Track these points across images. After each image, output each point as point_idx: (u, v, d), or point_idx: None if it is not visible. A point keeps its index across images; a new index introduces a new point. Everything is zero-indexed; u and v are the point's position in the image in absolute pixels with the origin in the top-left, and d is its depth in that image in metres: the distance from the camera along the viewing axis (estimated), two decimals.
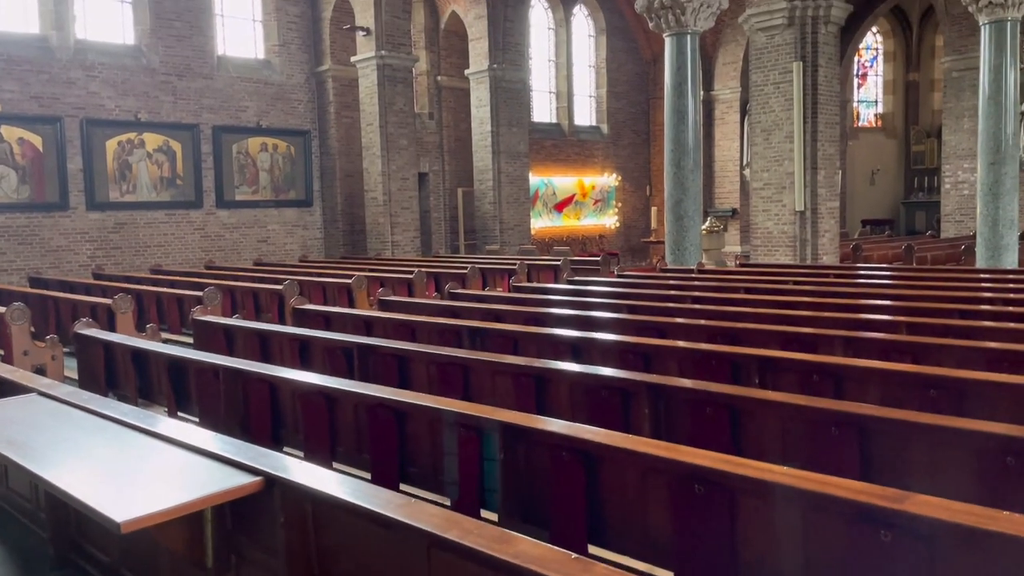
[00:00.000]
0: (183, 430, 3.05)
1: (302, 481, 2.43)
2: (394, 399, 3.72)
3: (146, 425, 3.13)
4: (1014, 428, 2.73)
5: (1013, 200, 10.78)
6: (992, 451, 2.73)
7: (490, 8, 17.46)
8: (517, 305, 7.38)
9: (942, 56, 20.00)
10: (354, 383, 4.22)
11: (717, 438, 3.49)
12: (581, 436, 2.96)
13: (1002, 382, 3.49)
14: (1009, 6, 10.50)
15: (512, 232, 18.17)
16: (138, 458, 2.86)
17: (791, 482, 2.33)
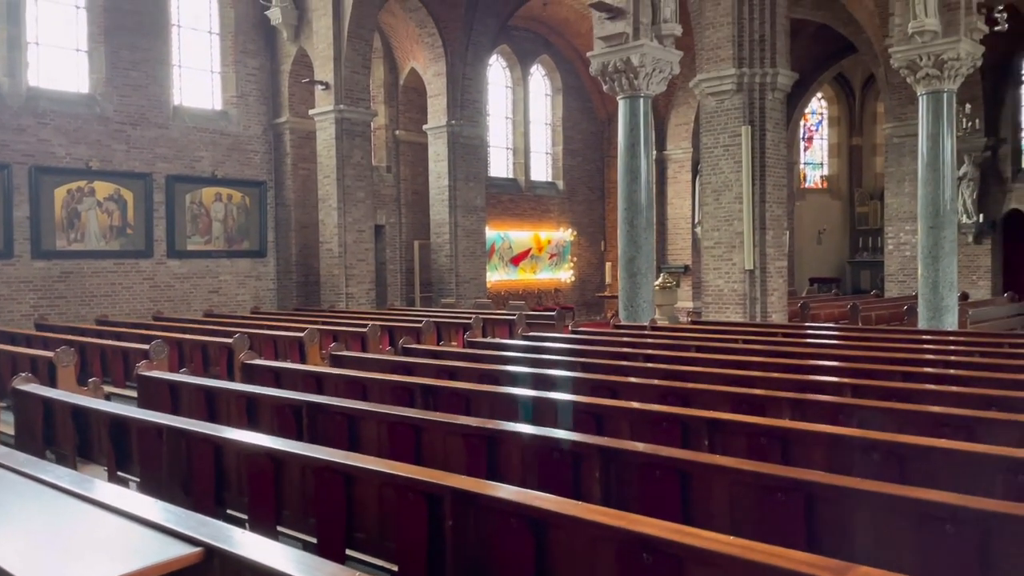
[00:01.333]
0: (122, 496, 2.95)
1: (244, 553, 2.37)
2: (342, 462, 3.66)
3: (83, 491, 3.02)
4: (952, 496, 2.80)
5: (952, 263, 11.16)
6: (932, 518, 2.79)
7: (449, 66, 17.77)
8: (471, 362, 7.36)
9: (883, 122, 20.85)
10: (302, 444, 4.15)
11: (667, 503, 3.50)
12: (531, 503, 2.94)
13: (941, 447, 3.58)
14: (945, 78, 11.01)
15: (468, 285, 18.21)
16: (74, 526, 2.76)
17: (738, 552, 2.34)
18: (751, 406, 5.08)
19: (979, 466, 3.44)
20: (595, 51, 10.90)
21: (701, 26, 13.53)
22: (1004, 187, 20.72)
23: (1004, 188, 20.72)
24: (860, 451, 3.81)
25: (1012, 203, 20.56)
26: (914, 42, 10.91)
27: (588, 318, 22.89)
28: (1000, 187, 20.73)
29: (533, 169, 22.67)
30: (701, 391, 5.45)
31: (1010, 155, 20.90)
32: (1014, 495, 3.20)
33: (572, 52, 22.37)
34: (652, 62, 10.60)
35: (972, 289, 19.55)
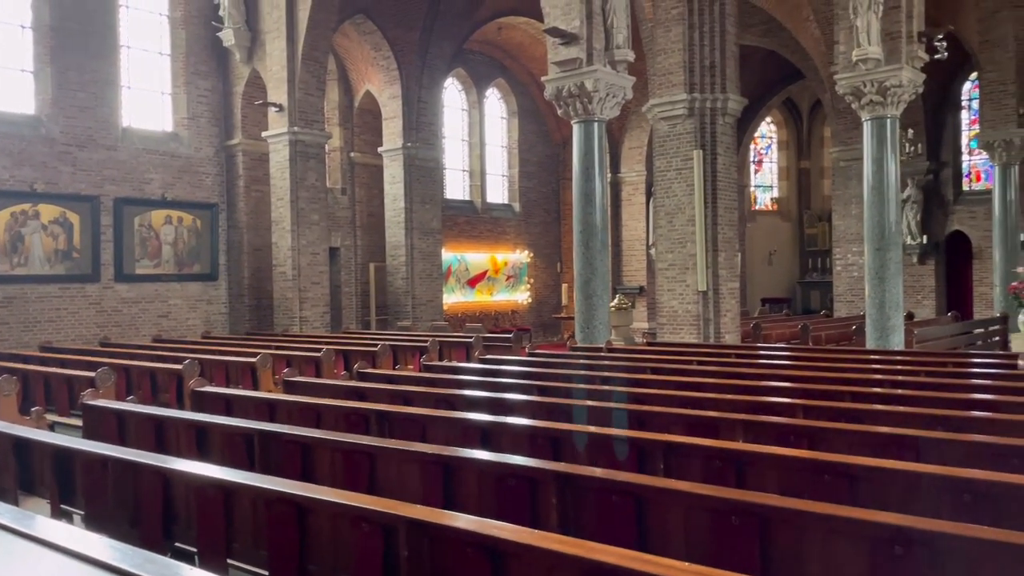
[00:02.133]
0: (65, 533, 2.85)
1: None
2: (294, 492, 3.59)
3: (23, 527, 2.91)
4: (901, 517, 2.85)
5: (898, 283, 11.44)
6: (882, 540, 2.83)
7: (404, 88, 17.79)
8: (427, 386, 7.31)
9: (830, 146, 21.42)
10: (253, 475, 4.06)
11: (623, 528, 3.51)
12: (487, 532, 2.92)
13: (888, 468, 3.65)
14: (888, 104, 11.35)
15: (425, 307, 18.13)
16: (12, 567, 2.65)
17: None
18: (706, 428, 5.13)
19: (926, 486, 3.51)
20: (549, 76, 11.02)
21: (653, 52, 13.77)
22: (946, 209, 21.40)
23: (946, 210, 21.39)
24: (812, 473, 3.86)
25: (954, 224, 21.23)
26: (858, 70, 11.24)
27: (545, 339, 22.94)
28: (942, 209, 21.40)
29: (489, 191, 22.75)
30: (656, 414, 5.49)
31: (951, 178, 21.62)
32: (960, 514, 3.27)
33: (527, 76, 22.58)
34: (605, 87, 10.74)
35: (917, 308, 20.07)
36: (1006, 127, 17.11)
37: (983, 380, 6.93)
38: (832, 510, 2.99)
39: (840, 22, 11.56)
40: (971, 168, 21.92)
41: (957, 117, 21.90)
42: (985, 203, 19.24)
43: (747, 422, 5.02)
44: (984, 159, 19.49)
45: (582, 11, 10.43)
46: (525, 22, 19.94)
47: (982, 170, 21.33)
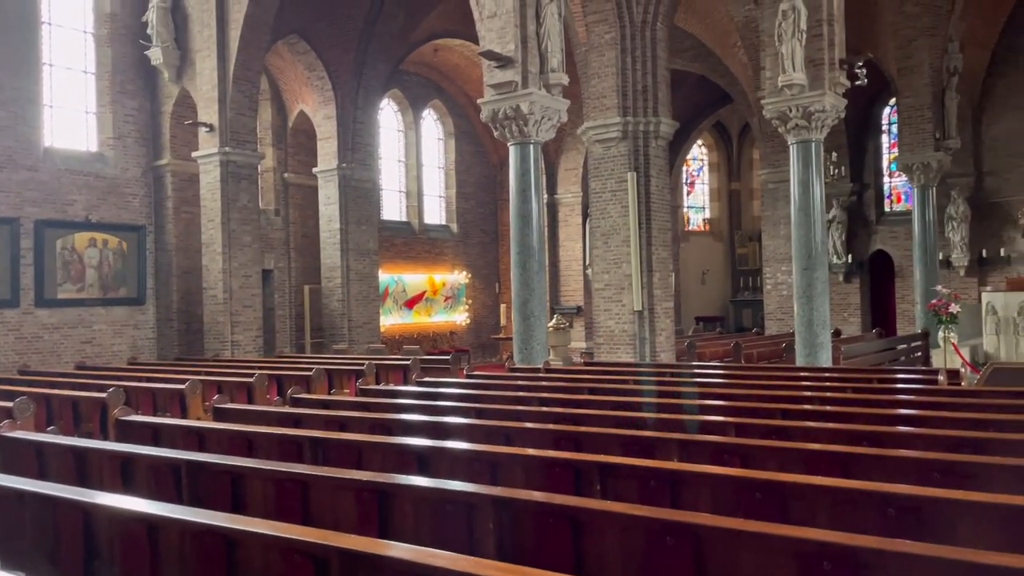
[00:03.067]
0: None
1: None
2: (222, 525, 3.48)
3: None
4: (827, 533, 2.91)
5: (825, 302, 11.79)
6: (811, 556, 2.89)
7: (339, 109, 17.65)
8: (363, 411, 7.20)
9: (759, 168, 22.07)
10: (179, 508, 3.92)
11: (561, 551, 3.49)
12: (422, 560, 2.87)
13: (817, 484, 3.73)
14: (813, 128, 11.73)
15: (361, 330, 17.91)
16: None
17: None
18: (641, 448, 5.17)
19: (853, 502, 3.60)
20: (485, 98, 11.07)
21: (587, 76, 13.99)
22: (869, 229, 22.22)
23: (869, 230, 22.21)
24: (744, 491, 3.92)
25: (877, 244, 22.05)
26: (784, 95, 11.60)
27: (484, 360, 22.90)
28: (866, 229, 22.21)
29: (427, 212, 22.71)
30: (593, 435, 5.51)
31: (874, 199, 22.48)
32: (884, 528, 3.36)
33: (464, 98, 22.68)
34: (541, 110, 10.85)
35: (844, 326, 20.72)
36: (924, 151, 17.89)
37: (906, 396, 7.17)
38: (762, 527, 3.03)
39: (766, 49, 11.94)
40: (892, 190, 22.84)
41: (878, 141, 22.82)
42: (906, 223, 20.04)
43: (682, 441, 5.08)
44: (904, 181, 20.31)
45: (517, 35, 10.53)
46: (461, 44, 20.05)
47: (902, 191, 22.23)
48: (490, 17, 10.69)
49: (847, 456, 4.46)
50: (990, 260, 19.72)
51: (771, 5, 11.63)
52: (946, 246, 19.37)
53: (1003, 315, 12.75)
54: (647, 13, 13.52)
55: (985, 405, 6.07)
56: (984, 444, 4.67)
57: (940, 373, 8.11)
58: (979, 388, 7.65)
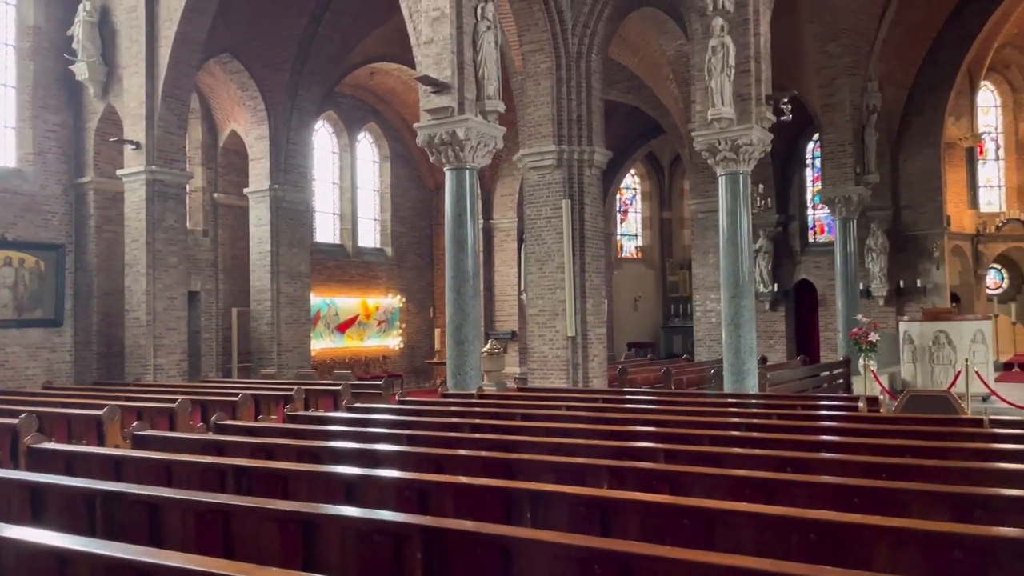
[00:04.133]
0: None
1: None
2: (136, 559, 3.32)
3: None
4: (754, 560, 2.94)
5: (751, 330, 12.09)
6: None
7: (272, 130, 17.40)
8: (291, 438, 7.03)
9: (689, 198, 22.59)
10: (92, 541, 3.74)
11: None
12: None
13: (744, 511, 3.78)
14: (740, 161, 12.10)
15: (291, 354, 17.54)
16: None
17: None
18: (572, 475, 5.17)
19: (777, 528, 3.66)
20: (422, 123, 11.07)
21: (523, 104, 14.14)
22: (794, 259, 22.94)
23: (794, 260, 22.93)
24: (672, 517, 3.95)
25: (801, 273, 22.76)
26: (713, 128, 11.94)
27: (418, 385, 22.70)
28: (791, 259, 22.92)
29: (361, 235, 22.49)
30: (525, 461, 5.49)
31: (799, 230, 23.25)
32: (807, 555, 3.43)
33: (400, 121, 22.64)
34: (477, 136, 10.90)
35: (770, 353, 21.26)
36: (845, 185, 18.61)
37: (828, 422, 7.36)
38: (689, 555, 3.06)
39: (696, 83, 12.29)
40: (815, 221, 23.67)
41: (802, 174, 23.66)
42: (828, 254, 20.75)
43: (612, 468, 5.09)
44: (827, 213, 21.07)
45: (453, 62, 10.58)
46: (398, 68, 20.05)
47: (825, 223, 23.05)
48: (427, 43, 10.73)
49: (772, 482, 4.55)
50: (907, 290, 20.56)
51: (701, 41, 12.00)
52: (866, 276, 20.12)
53: (919, 344, 13.26)
54: (582, 45, 13.78)
55: (902, 432, 6.28)
56: (901, 470, 4.82)
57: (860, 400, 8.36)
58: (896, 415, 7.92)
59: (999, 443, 5.83)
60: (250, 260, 17.71)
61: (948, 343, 12.78)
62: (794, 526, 3.58)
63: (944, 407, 8.02)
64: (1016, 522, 3.65)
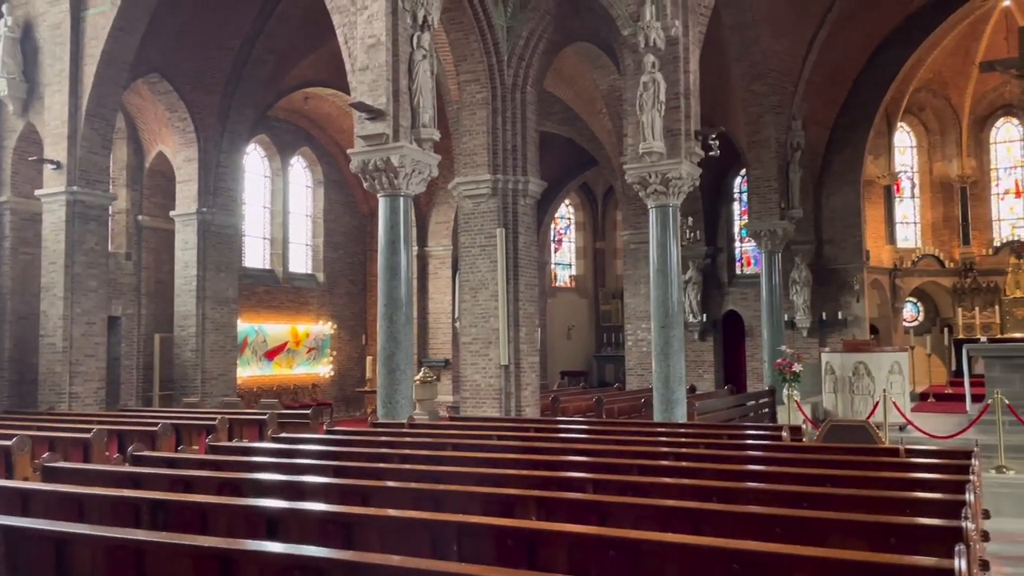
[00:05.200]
0: None
1: None
2: None
3: None
4: None
5: (680, 359, 12.28)
6: None
7: (202, 152, 17.04)
8: (212, 470, 6.80)
9: (621, 229, 22.94)
10: None
11: None
12: None
13: (669, 541, 3.80)
14: (670, 194, 12.36)
15: (216, 382, 17.05)
16: None
17: None
18: (500, 506, 5.12)
19: (701, 558, 3.69)
20: (356, 149, 10.99)
21: (459, 133, 14.20)
22: (722, 290, 23.47)
23: (722, 291, 23.46)
24: (599, 548, 3.94)
25: (729, 304, 23.30)
26: (644, 161, 12.19)
27: (348, 414, 22.31)
28: (719, 290, 23.45)
29: (292, 260, 22.13)
30: (454, 493, 5.42)
31: (726, 262, 23.83)
32: None
33: (334, 146, 22.46)
34: (412, 163, 10.87)
35: (699, 382, 21.64)
36: (770, 219, 19.20)
37: (753, 451, 7.50)
38: None
39: (628, 117, 12.54)
40: (742, 254, 24.31)
41: (730, 208, 24.31)
42: (754, 286, 21.31)
43: (540, 498, 5.07)
44: (753, 246, 21.65)
45: (389, 89, 10.57)
46: (333, 94, 19.93)
47: (752, 256, 23.69)
48: (362, 70, 10.69)
49: (698, 512, 4.59)
50: (829, 322, 21.22)
51: (633, 76, 12.27)
52: (791, 308, 20.70)
53: (840, 374, 13.67)
54: (517, 76, 13.94)
55: (823, 461, 6.44)
56: (821, 499, 4.93)
57: (784, 429, 8.55)
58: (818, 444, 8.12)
59: (914, 472, 6.03)
60: (175, 284, 17.22)
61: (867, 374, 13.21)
62: (717, 556, 3.62)
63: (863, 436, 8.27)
64: (929, 550, 3.76)
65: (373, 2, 10.59)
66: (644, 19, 11.99)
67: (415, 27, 10.78)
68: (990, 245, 23.39)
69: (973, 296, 22.57)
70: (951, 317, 22.76)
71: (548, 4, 13.56)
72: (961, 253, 23.24)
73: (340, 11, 11.01)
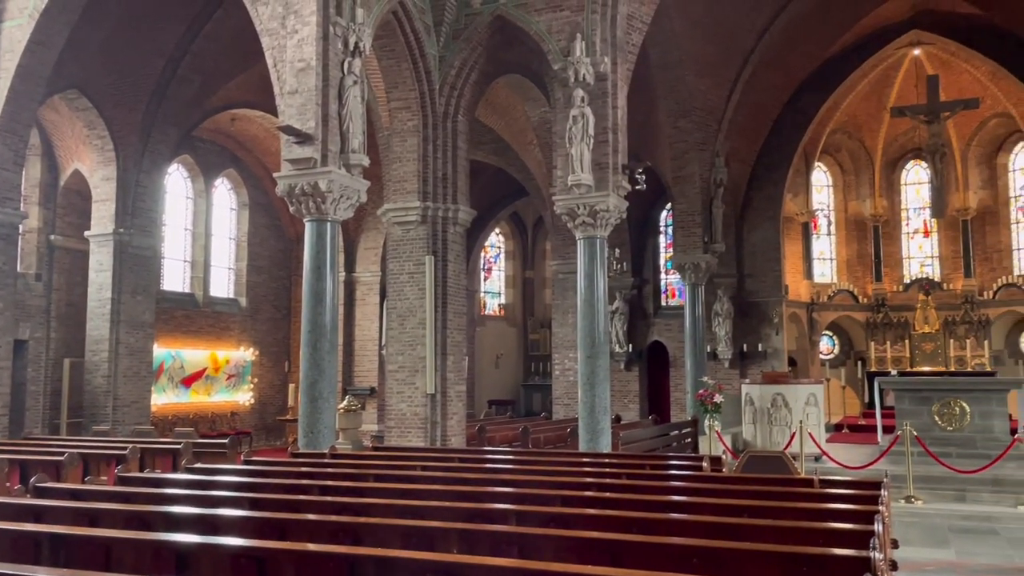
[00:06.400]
0: None
1: None
2: None
3: None
4: None
5: (606, 389, 12.39)
6: None
7: (120, 171, 16.52)
8: (121, 502, 6.50)
9: (551, 259, 23.16)
10: None
11: None
12: None
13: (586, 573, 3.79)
14: (598, 226, 12.54)
15: (128, 410, 16.39)
16: None
17: None
18: (422, 539, 5.04)
19: None
20: (282, 172, 10.82)
21: (389, 159, 14.14)
22: (648, 321, 23.87)
23: (648, 322, 23.86)
24: None
25: (654, 335, 23.69)
26: (572, 193, 12.36)
27: (268, 444, 21.73)
28: (645, 321, 23.84)
29: (214, 284, 21.55)
30: (373, 525, 5.31)
31: (652, 294, 24.27)
32: None
33: (261, 169, 22.08)
34: (340, 188, 10.76)
35: (624, 411, 21.87)
36: (694, 252, 19.68)
37: (674, 482, 7.58)
38: None
39: (558, 149, 12.72)
40: (668, 286, 24.80)
41: (656, 240, 24.84)
42: (679, 317, 21.76)
43: (462, 531, 5.01)
44: (678, 279, 22.14)
45: (318, 113, 10.47)
46: (261, 116, 19.63)
47: (677, 288, 24.19)
48: (291, 93, 10.58)
49: (618, 543, 4.60)
50: (750, 354, 21.78)
51: (563, 110, 12.47)
52: (713, 339, 21.18)
53: (759, 405, 14.02)
54: (449, 105, 13.99)
55: (740, 492, 6.55)
56: (738, 529, 5.01)
57: (705, 460, 8.69)
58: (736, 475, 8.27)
59: (827, 503, 6.19)
60: (88, 307, 16.55)
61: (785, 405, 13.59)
62: None
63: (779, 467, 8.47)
64: None
65: (304, 26, 10.52)
66: (574, 55, 12.24)
67: (346, 53, 10.74)
68: (901, 282, 24.47)
69: (885, 330, 23.54)
70: (864, 350, 23.65)
71: (481, 36, 13.70)
72: (874, 289, 24.24)
73: (270, 34, 10.89)
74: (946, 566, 8.21)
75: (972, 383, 14.01)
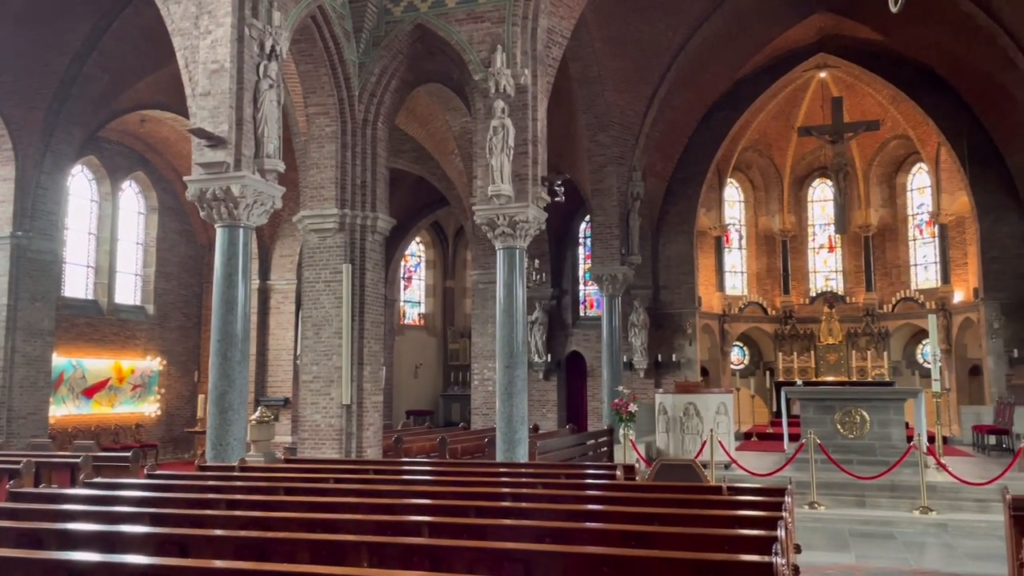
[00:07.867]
0: None
1: None
2: None
3: None
4: None
5: (523, 399, 12.43)
6: None
7: (19, 171, 15.72)
8: (10, 519, 6.15)
9: (471, 269, 23.16)
10: None
11: None
12: None
13: None
14: (518, 236, 12.60)
15: (24, 422, 15.56)
16: None
17: None
18: (331, 553, 4.94)
19: None
20: (193, 176, 10.48)
21: (306, 165, 13.88)
22: (567, 331, 24.11)
23: (567, 332, 24.10)
24: None
25: (573, 345, 23.95)
26: (492, 203, 12.39)
27: (176, 457, 20.96)
28: (563, 331, 24.08)
29: (119, 291, 20.70)
30: (280, 540, 5.17)
31: (571, 305, 24.55)
32: None
33: (172, 172, 21.36)
34: (253, 194, 10.49)
35: (542, 421, 22.00)
36: (612, 264, 20.00)
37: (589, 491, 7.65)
38: None
39: (478, 160, 12.73)
40: (586, 296, 25.13)
41: (575, 252, 25.15)
42: (596, 328, 22.04)
43: (371, 544, 4.92)
44: (596, 289, 22.45)
45: (232, 116, 10.19)
46: (172, 118, 19.01)
47: (595, 299, 24.54)
48: (203, 95, 10.27)
49: (531, 553, 4.61)
50: (665, 364, 22.25)
51: (484, 120, 12.50)
52: (629, 350, 21.55)
53: (672, 414, 14.31)
54: (368, 112, 13.84)
55: (652, 500, 6.66)
56: (649, 537, 5.09)
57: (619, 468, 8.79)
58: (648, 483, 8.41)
59: (734, 510, 6.35)
60: None
61: (696, 414, 13.91)
62: None
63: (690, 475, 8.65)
64: None
65: (218, 27, 10.24)
66: (495, 66, 12.30)
67: (262, 56, 10.51)
68: (807, 295, 25.43)
69: (792, 342, 24.40)
70: (773, 361, 24.46)
71: (401, 43, 13.61)
72: (782, 301, 25.10)
73: (182, 34, 10.56)
74: (846, 569, 8.54)
75: (872, 392, 14.65)
